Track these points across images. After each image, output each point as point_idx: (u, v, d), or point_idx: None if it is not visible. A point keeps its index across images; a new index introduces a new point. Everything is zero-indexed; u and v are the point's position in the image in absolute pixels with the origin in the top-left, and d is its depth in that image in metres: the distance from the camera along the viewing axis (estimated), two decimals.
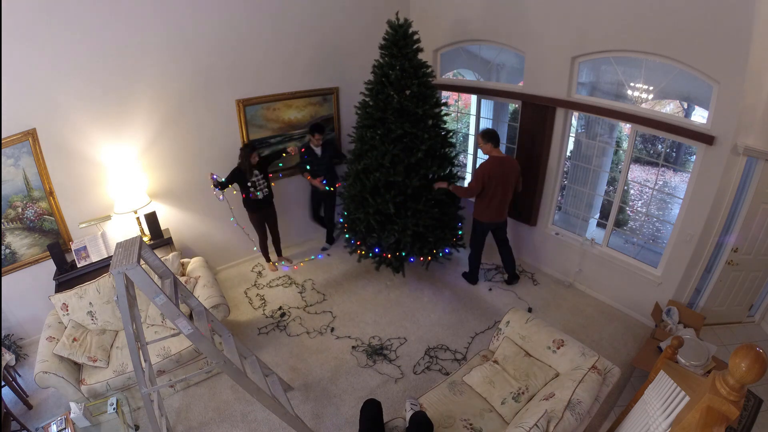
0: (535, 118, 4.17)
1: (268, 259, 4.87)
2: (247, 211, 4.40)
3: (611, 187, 5.04)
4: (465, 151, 5.60)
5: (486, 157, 3.91)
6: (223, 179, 4.03)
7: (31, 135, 3.30)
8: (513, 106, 5.37)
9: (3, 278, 3.50)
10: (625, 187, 4.19)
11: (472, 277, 4.52)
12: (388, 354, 3.62)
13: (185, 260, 3.96)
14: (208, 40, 3.85)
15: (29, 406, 3.21)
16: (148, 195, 3.90)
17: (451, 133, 4.15)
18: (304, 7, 4.26)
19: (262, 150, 4.50)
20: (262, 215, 4.46)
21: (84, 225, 3.67)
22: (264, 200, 4.32)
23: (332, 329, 3.93)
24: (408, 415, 2.45)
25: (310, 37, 4.41)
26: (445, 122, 4.19)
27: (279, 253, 4.91)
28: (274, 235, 4.73)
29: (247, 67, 4.15)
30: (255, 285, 4.61)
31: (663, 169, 7.47)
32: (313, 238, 5.42)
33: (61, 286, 3.51)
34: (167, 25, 3.61)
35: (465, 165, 5.59)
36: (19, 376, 3.43)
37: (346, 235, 4.37)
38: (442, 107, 4.06)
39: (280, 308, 4.21)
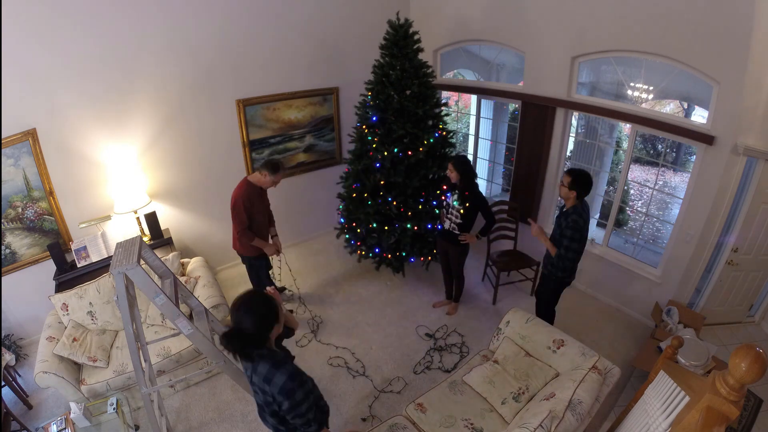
0: (535, 118, 4.17)
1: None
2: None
3: (611, 187, 5.05)
4: (465, 151, 5.60)
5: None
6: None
7: (31, 135, 3.30)
8: (513, 106, 5.38)
9: (3, 278, 3.50)
10: (625, 187, 4.19)
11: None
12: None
13: (185, 260, 3.96)
14: (208, 40, 3.85)
15: (29, 406, 3.21)
16: (148, 195, 3.90)
17: (451, 134, 4.15)
18: (305, 7, 4.26)
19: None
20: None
21: (84, 225, 3.67)
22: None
23: (332, 329, 3.92)
24: None
25: (310, 36, 4.41)
26: (445, 123, 4.19)
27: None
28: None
29: (248, 66, 4.15)
30: None
31: (663, 169, 7.46)
32: (314, 237, 5.44)
33: (61, 286, 3.51)
34: (168, 25, 3.61)
35: None
36: (19, 376, 3.42)
37: (346, 236, 4.37)
38: (443, 107, 4.06)
39: None
